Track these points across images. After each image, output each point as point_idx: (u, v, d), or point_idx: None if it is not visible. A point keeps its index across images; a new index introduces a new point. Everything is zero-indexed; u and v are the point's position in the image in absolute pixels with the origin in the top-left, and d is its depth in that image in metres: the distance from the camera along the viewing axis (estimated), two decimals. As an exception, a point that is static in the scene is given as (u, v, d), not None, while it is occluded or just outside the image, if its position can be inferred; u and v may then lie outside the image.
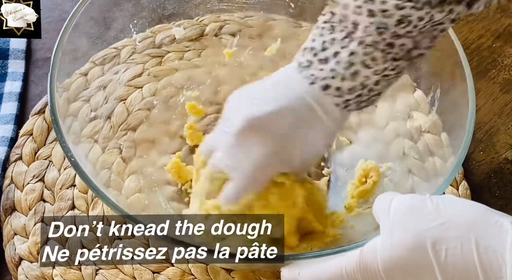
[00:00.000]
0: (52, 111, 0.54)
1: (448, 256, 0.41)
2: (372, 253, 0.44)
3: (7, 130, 0.69)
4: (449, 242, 0.41)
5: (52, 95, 0.54)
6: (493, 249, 0.40)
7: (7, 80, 0.74)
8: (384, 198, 0.46)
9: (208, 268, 0.62)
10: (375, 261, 0.43)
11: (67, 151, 0.52)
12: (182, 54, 0.73)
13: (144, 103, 0.69)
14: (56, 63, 0.55)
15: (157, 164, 0.67)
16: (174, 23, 0.72)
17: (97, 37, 0.62)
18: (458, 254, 0.41)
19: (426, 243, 0.42)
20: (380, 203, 0.47)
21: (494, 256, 0.40)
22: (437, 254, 0.41)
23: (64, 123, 0.54)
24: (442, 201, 0.44)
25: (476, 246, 0.41)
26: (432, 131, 0.62)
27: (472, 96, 0.54)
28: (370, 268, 0.44)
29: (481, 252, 0.40)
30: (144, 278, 0.61)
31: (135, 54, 0.70)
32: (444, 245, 0.41)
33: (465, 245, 0.41)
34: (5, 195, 0.65)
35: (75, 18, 0.58)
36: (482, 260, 0.40)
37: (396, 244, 0.43)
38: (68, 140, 0.52)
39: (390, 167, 0.62)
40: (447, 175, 0.52)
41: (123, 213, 0.50)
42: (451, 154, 0.56)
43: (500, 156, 0.72)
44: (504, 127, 0.74)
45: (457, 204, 0.44)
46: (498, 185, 0.69)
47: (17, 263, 0.62)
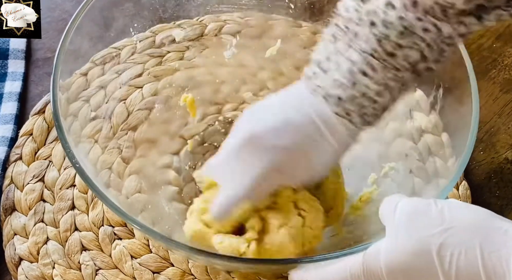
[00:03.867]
0: (54, 111, 0.53)
1: (453, 262, 0.41)
2: (376, 257, 0.44)
3: (7, 130, 0.69)
4: (453, 248, 0.41)
5: (55, 94, 0.54)
6: (497, 255, 0.40)
7: (7, 80, 0.74)
8: (390, 200, 0.46)
9: (208, 268, 0.62)
10: (378, 264, 0.43)
11: (67, 150, 0.52)
12: (182, 54, 0.73)
13: (144, 103, 0.69)
14: (59, 64, 0.55)
15: (157, 164, 0.67)
16: (174, 23, 0.72)
17: (97, 37, 0.62)
18: (462, 259, 0.41)
19: (431, 248, 0.42)
20: (386, 205, 0.46)
21: (498, 262, 0.40)
22: (442, 259, 0.41)
23: (65, 123, 0.54)
24: (448, 205, 0.44)
25: (480, 252, 0.41)
26: (432, 131, 0.61)
27: (476, 98, 0.54)
28: (374, 272, 0.44)
29: (485, 258, 0.40)
30: (144, 278, 0.61)
31: (135, 54, 0.70)
32: (449, 251, 0.41)
33: (469, 251, 0.41)
34: (5, 195, 0.65)
35: (78, 19, 0.58)
36: (486, 266, 0.40)
37: (400, 248, 0.43)
38: (69, 139, 0.52)
39: (393, 167, 0.62)
40: (450, 177, 0.52)
41: (122, 214, 0.50)
42: (451, 154, 0.56)
43: (500, 156, 0.72)
44: (505, 127, 0.74)
45: (461, 209, 0.44)
46: (498, 185, 0.69)
47: (17, 263, 0.62)
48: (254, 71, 0.74)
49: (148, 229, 0.50)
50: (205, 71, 0.73)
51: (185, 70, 0.72)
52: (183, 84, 0.71)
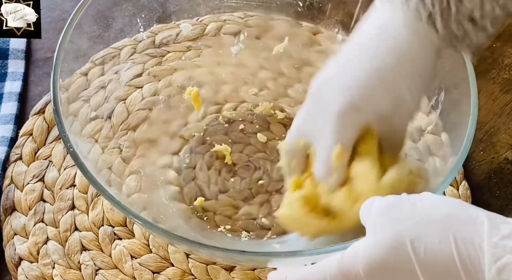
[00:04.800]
0: (55, 109, 0.54)
1: (427, 252, 0.41)
2: (353, 255, 0.44)
3: (7, 130, 0.69)
4: (427, 238, 0.41)
5: (55, 92, 0.54)
6: (470, 241, 0.40)
7: (7, 80, 0.74)
8: (367, 202, 0.47)
9: (208, 268, 0.62)
10: (356, 263, 0.43)
11: (69, 146, 0.52)
12: (182, 54, 0.73)
13: (144, 103, 0.69)
14: (59, 64, 0.55)
15: (157, 163, 0.67)
16: (174, 22, 0.72)
17: (97, 36, 0.62)
18: (436, 249, 0.41)
19: (405, 241, 0.42)
20: (364, 206, 0.47)
21: (471, 247, 0.40)
22: (416, 250, 0.41)
23: (66, 122, 0.54)
24: (420, 198, 0.44)
25: (454, 240, 0.41)
26: (432, 131, 0.61)
27: (475, 98, 0.54)
28: (352, 271, 0.44)
29: (458, 245, 0.40)
30: (144, 278, 0.61)
31: (135, 54, 0.70)
32: (422, 241, 0.41)
33: (443, 240, 0.41)
34: (5, 195, 0.65)
35: (77, 17, 0.58)
36: (460, 253, 0.40)
37: (377, 244, 0.43)
38: (70, 137, 0.52)
39: None
40: (446, 175, 0.52)
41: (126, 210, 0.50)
42: (451, 154, 0.56)
43: (500, 156, 0.72)
44: (504, 127, 0.74)
45: (434, 200, 0.44)
46: (498, 185, 0.69)
47: (17, 263, 0.62)
48: (254, 71, 0.74)
49: (151, 224, 0.49)
50: (205, 71, 0.73)
51: (185, 70, 0.72)
52: (183, 84, 0.71)
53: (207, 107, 0.72)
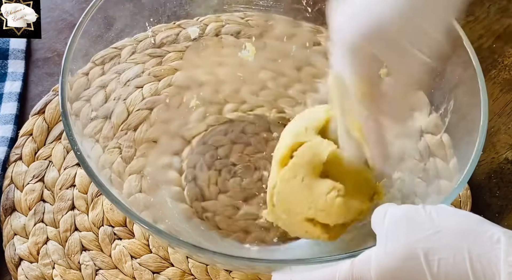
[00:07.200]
0: (63, 112, 0.54)
1: (441, 266, 0.41)
2: (365, 263, 0.44)
3: (7, 131, 0.69)
4: (441, 251, 0.41)
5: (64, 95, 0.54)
6: (486, 258, 0.40)
7: (7, 80, 0.74)
8: (380, 209, 0.46)
9: (208, 268, 0.62)
10: (368, 271, 0.43)
11: (76, 150, 0.52)
12: (182, 54, 0.73)
13: (144, 103, 0.69)
14: (67, 67, 0.55)
15: (158, 163, 0.67)
16: (174, 23, 0.72)
17: (97, 37, 0.62)
18: (450, 263, 0.41)
19: (419, 253, 0.41)
20: (376, 214, 0.47)
21: (487, 265, 0.40)
22: (430, 264, 0.41)
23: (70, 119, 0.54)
24: (436, 210, 0.44)
25: (468, 255, 0.40)
26: (433, 132, 0.61)
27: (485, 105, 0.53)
28: (363, 278, 0.44)
29: (473, 261, 0.40)
30: (144, 278, 0.61)
31: (135, 54, 0.70)
32: (437, 255, 0.41)
33: (457, 254, 0.41)
34: (5, 195, 0.65)
35: (85, 22, 0.58)
36: (474, 269, 0.40)
37: (389, 253, 0.43)
38: (75, 134, 0.52)
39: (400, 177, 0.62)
40: (454, 183, 0.52)
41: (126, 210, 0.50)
42: (453, 155, 0.56)
43: (500, 156, 0.72)
44: (505, 127, 0.74)
45: (450, 214, 0.44)
46: (499, 185, 0.69)
47: (17, 263, 0.62)
48: (254, 71, 0.74)
49: (151, 225, 0.49)
50: (205, 71, 0.73)
51: (185, 70, 0.72)
52: (183, 84, 0.71)
53: (207, 107, 0.72)
